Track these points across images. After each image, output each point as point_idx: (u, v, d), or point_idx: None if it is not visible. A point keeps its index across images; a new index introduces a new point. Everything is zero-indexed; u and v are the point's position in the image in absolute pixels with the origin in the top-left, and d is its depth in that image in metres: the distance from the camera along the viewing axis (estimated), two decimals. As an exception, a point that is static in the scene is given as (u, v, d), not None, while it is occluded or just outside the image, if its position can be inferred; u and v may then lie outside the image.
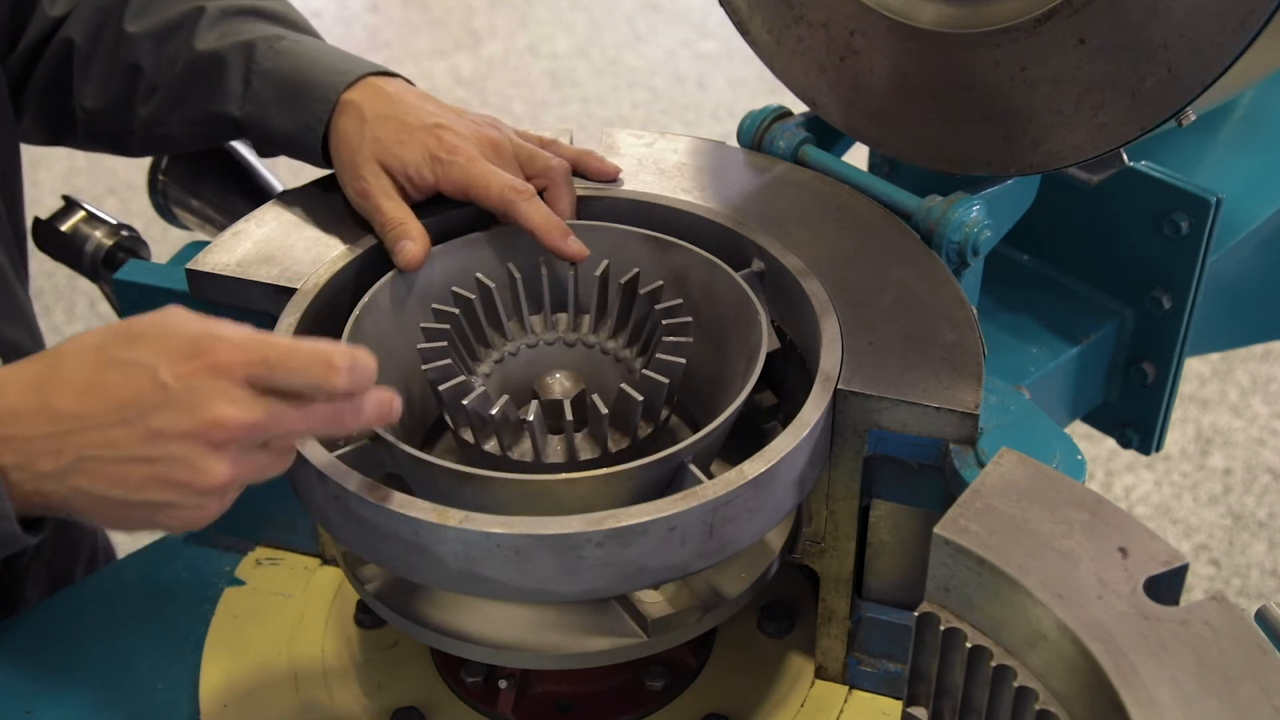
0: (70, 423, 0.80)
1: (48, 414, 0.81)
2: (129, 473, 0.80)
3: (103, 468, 0.80)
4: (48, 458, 0.80)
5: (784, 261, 1.07)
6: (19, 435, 0.80)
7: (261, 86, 1.14)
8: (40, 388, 0.81)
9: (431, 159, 1.08)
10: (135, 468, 0.80)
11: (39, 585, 1.39)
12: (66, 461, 0.80)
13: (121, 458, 0.80)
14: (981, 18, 1.08)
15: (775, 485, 0.92)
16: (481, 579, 0.88)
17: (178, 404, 0.79)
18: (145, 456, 0.80)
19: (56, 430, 0.81)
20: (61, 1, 1.22)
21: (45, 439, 0.81)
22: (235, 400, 0.79)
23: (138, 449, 0.80)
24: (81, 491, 0.81)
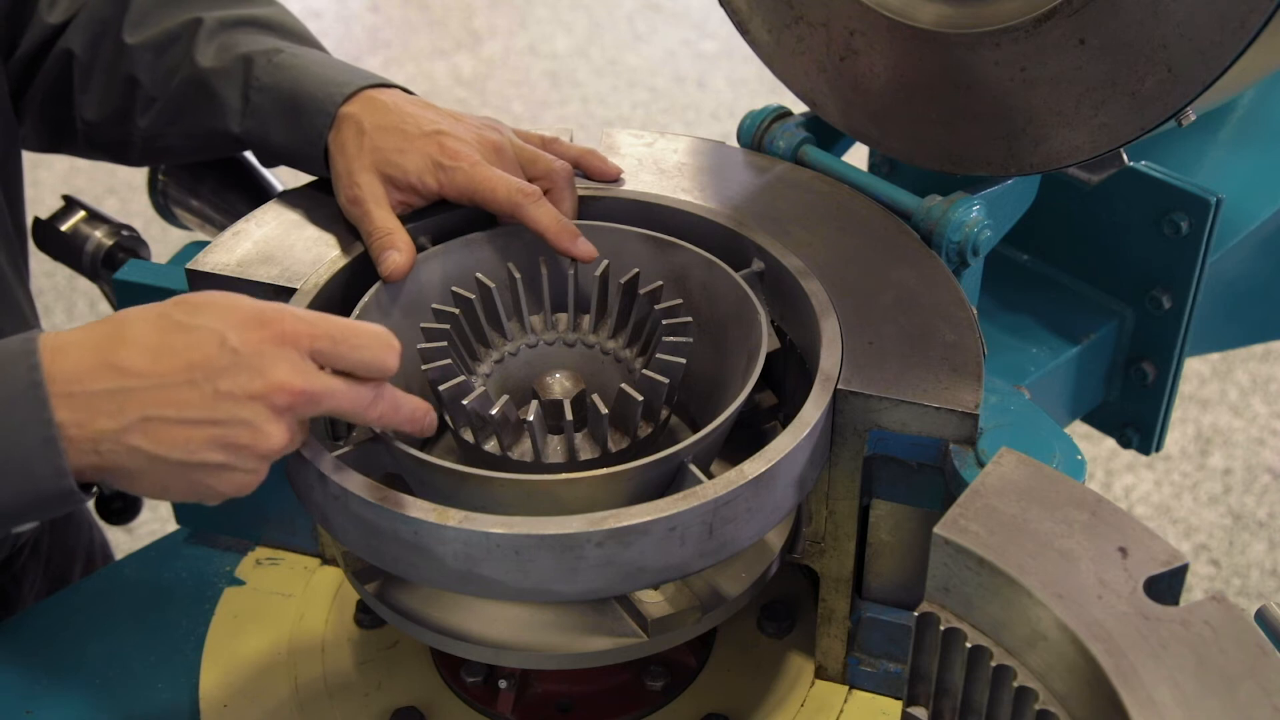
0: (136, 380, 0.81)
1: (113, 371, 0.81)
2: (190, 434, 0.82)
3: (165, 429, 0.81)
4: (109, 415, 0.81)
5: (784, 261, 1.07)
6: (81, 392, 0.80)
7: (260, 102, 1.14)
8: (103, 348, 0.82)
9: (434, 166, 1.08)
10: (197, 430, 0.82)
11: (36, 586, 1.39)
12: (129, 420, 0.81)
13: (185, 419, 0.81)
14: (981, 18, 1.08)
15: (775, 485, 0.92)
16: (481, 579, 0.88)
17: (245, 367, 0.82)
18: (209, 419, 0.82)
19: (121, 387, 0.81)
20: (60, 8, 1.22)
21: (108, 396, 0.81)
22: (299, 368, 0.83)
23: (203, 411, 0.81)
24: (139, 451, 0.81)
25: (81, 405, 0.80)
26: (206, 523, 1.26)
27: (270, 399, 0.82)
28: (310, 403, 0.84)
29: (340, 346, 0.85)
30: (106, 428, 0.81)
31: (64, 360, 0.81)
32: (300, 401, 0.83)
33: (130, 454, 0.81)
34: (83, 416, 0.80)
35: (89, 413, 0.80)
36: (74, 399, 0.80)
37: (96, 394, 0.81)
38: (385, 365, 0.86)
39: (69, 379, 0.80)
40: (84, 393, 0.80)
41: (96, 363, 0.81)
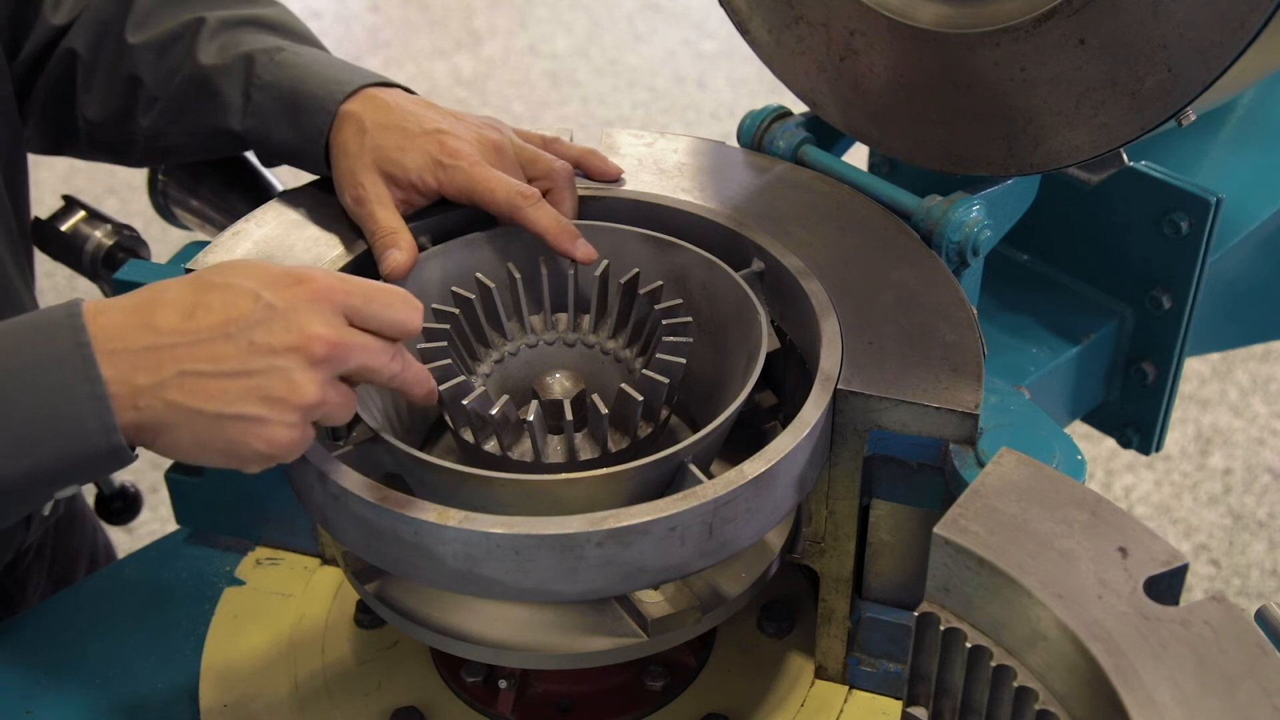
0: (173, 337, 0.82)
1: (150, 330, 0.82)
2: (227, 387, 0.83)
3: (202, 383, 0.82)
4: (147, 371, 0.82)
5: (784, 261, 1.07)
6: (121, 349, 0.82)
7: (261, 100, 1.14)
8: (141, 309, 0.83)
9: (434, 164, 1.08)
10: (234, 381, 0.83)
11: (40, 587, 1.39)
12: (166, 375, 0.82)
13: (222, 372, 0.83)
14: (981, 18, 1.08)
15: (775, 485, 0.92)
16: (481, 579, 0.88)
17: (280, 320, 0.84)
18: (245, 370, 0.83)
19: (159, 344, 0.82)
20: (64, 10, 1.22)
21: (147, 352, 0.82)
22: (331, 323, 0.85)
23: (239, 363, 0.83)
24: (177, 407, 0.82)
25: (122, 363, 0.81)
26: (206, 523, 1.26)
27: (306, 350, 0.84)
28: (344, 355, 0.85)
29: (372, 305, 0.87)
30: (145, 383, 0.81)
31: (105, 320, 0.82)
32: (335, 353, 0.84)
33: (168, 409, 0.82)
34: (124, 373, 0.81)
35: (129, 369, 0.81)
36: (115, 356, 0.81)
37: (135, 351, 0.82)
38: (411, 324, 0.89)
39: (110, 337, 0.82)
40: (124, 350, 0.82)
41: (135, 322, 0.83)
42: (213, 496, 1.22)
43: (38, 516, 1.29)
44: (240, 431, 0.84)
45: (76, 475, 0.83)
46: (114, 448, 0.81)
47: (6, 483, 0.80)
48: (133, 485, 1.64)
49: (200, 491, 1.23)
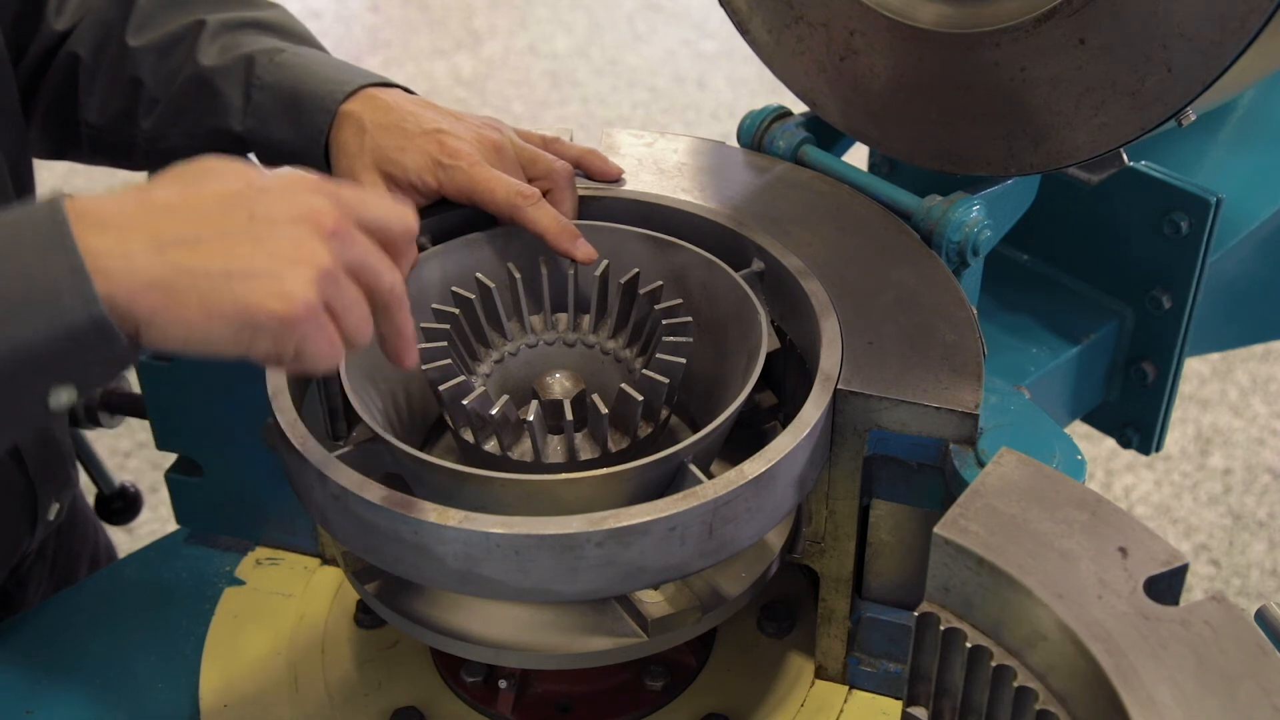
0: (171, 208, 0.79)
1: (146, 204, 0.79)
2: (233, 247, 0.78)
3: (207, 245, 0.78)
4: (145, 237, 0.77)
5: (784, 261, 1.07)
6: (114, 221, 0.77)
7: (262, 100, 1.14)
8: (133, 191, 0.80)
9: (434, 164, 1.08)
10: (241, 243, 0.79)
11: (42, 588, 1.39)
12: (167, 239, 0.77)
13: (227, 233, 0.79)
14: (981, 18, 1.08)
15: (775, 485, 0.92)
16: (481, 579, 0.88)
17: (278, 196, 0.81)
18: (252, 234, 0.79)
19: (155, 214, 0.78)
20: (66, 15, 1.22)
21: (143, 221, 0.78)
22: (331, 202, 0.82)
23: (245, 228, 0.79)
24: (181, 269, 0.77)
25: (114, 231, 0.77)
26: (206, 523, 1.26)
27: (313, 220, 0.80)
28: (348, 236, 0.82)
29: (366, 198, 0.85)
30: (142, 249, 0.77)
31: (93, 202, 0.78)
32: (342, 230, 0.81)
33: (172, 272, 0.77)
34: (117, 243, 0.77)
35: (122, 239, 0.77)
36: (106, 228, 0.77)
37: (130, 220, 0.78)
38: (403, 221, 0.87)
39: (101, 211, 0.78)
40: (117, 222, 0.78)
41: (128, 200, 0.79)
42: (213, 496, 1.23)
43: (42, 522, 1.29)
44: (251, 290, 0.78)
45: (67, 362, 0.77)
46: (95, 321, 0.75)
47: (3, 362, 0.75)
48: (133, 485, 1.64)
49: (200, 491, 1.23)
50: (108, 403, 1.45)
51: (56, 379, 0.77)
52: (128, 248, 0.77)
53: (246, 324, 0.78)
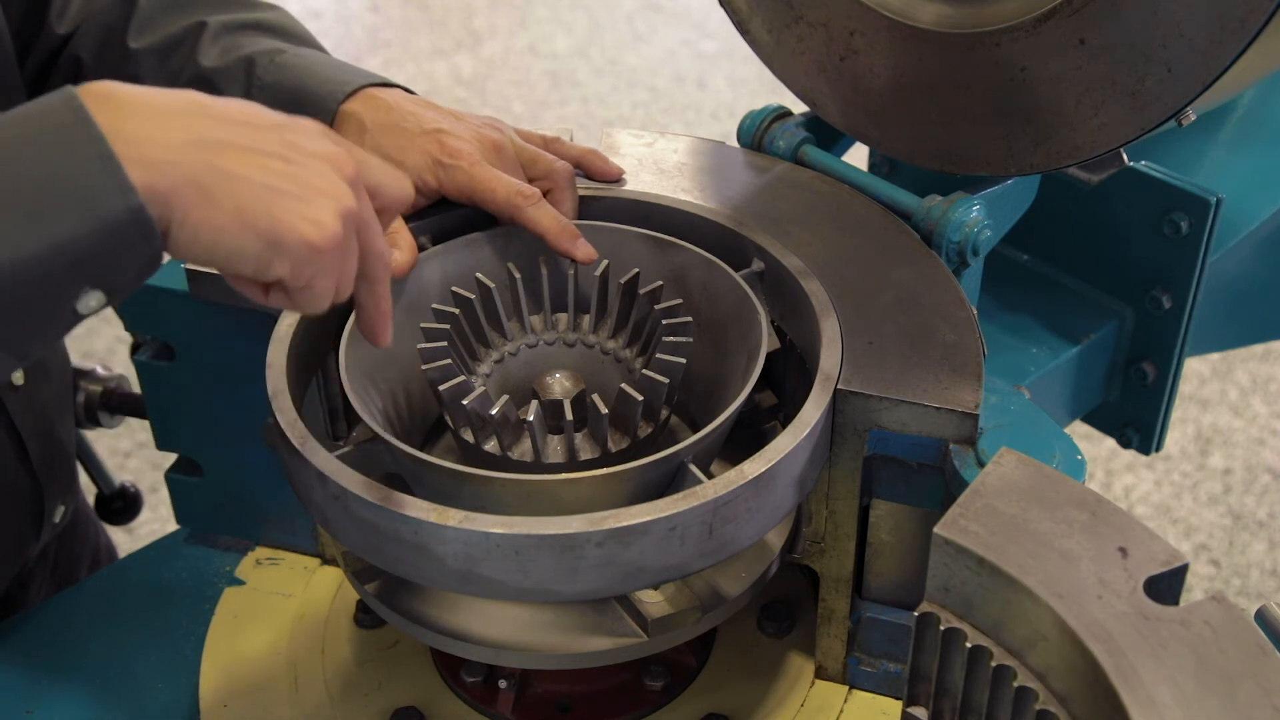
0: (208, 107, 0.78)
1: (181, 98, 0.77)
2: (268, 161, 0.78)
3: (240, 152, 0.77)
4: (180, 128, 0.76)
5: (784, 261, 1.07)
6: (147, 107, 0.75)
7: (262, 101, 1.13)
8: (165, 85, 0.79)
9: (434, 164, 1.08)
10: (274, 160, 0.78)
11: (43, 589, 1.39)
12: (201, 135, 0.76)
13: (262, 148, 0.78)
14: (981, 18, 1.08)
15: (775, 485, 0.92)
16: (481, 579, 0.88)
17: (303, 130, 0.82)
18: (284, 156, 0.79)
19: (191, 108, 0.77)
20: (68, 19, 1.22)
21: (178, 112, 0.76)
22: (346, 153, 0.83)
23: (278, 147, 0.79)
24: (219, 170, 0.76)
25: (147, 118, 0.75)
26: (206, 523, 1.26)
27: (335, 161, 0.81)
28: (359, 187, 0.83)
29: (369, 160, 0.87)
30: (177, 138, 0.76)
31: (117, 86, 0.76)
32: (356, 179, 0.82)
33: (209, 171, 0.75)
34: (150, 128, 0.75)
35: (157, 124, 0.75)
36: (138, 114, 0.75)
37: (164, 109, 0.76)
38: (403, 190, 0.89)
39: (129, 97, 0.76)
40: (149, 107, 0.76)
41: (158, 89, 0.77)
42: (213, 496, 1.23)
43: (47, 525, 1.29)
44: (286, 209, 0.77)
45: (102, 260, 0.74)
46: (133, 213, 0.73)
47: (34, 263, 0.72)
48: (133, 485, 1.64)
49: (200, 491, 1.23)
50: (108, 403, 1.45)
51: (90, 280, 0.74)
52: (165, 137, 0.75)
53: (274, 242, 0.78)
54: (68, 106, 0.74)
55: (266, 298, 0.84)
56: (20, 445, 1.21)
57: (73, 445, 1.36)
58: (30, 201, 0.72)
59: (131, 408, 1.45)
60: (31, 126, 0.74)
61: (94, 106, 0.74)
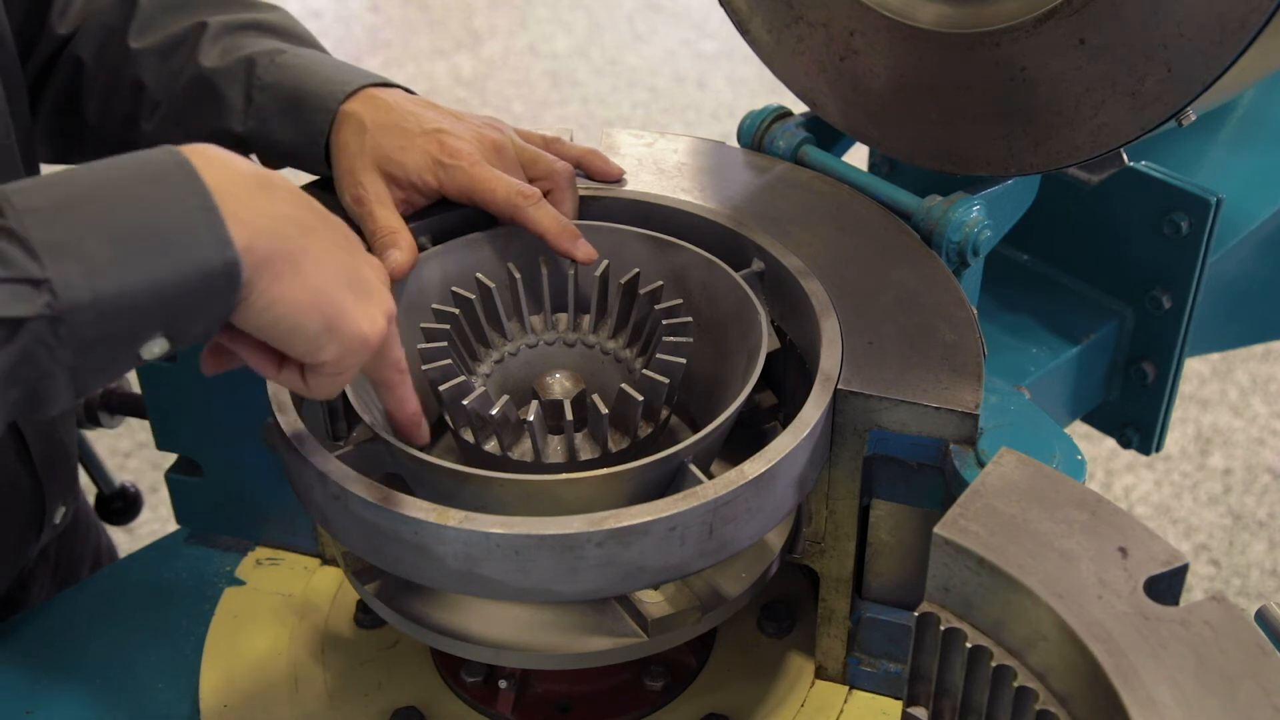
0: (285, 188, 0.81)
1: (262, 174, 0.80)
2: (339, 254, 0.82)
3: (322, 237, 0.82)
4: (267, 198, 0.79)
5: (784, 261, 1.07)
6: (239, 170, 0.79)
7: (263, 101, 1.14)
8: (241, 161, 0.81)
9: (434, 164, 1.08)
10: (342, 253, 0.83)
11: (44, 590, 1.39)
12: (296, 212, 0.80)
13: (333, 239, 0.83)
14: (981, 18, 1.08)
15: (775, 485, 0.92)
16: (482, 579, 0.88)
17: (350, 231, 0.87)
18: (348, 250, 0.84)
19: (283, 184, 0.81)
20: (69, 20, 1.22)
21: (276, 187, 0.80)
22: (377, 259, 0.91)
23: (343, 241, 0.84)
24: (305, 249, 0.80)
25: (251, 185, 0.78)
26: (206, 523, 1.26)
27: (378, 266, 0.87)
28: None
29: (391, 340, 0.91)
30: (278, 210, 0.79)
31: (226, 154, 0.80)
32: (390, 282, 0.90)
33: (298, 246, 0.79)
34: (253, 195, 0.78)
35: (260, 193, 0.78)
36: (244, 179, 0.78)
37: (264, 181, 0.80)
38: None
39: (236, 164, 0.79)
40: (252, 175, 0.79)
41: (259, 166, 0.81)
42: (213, 496, 1.23)
43: (48, 525, 1.29)
44: (350, 301, 0.82)
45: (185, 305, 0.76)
46: (228, 265, 0.75)
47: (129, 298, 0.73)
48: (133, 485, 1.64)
49: (200, 491, 1.23)
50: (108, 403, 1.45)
51: (165, 324, 0.76)
52: (267, 207, 0.78)
53: (334, 329, 0.82)
54: (173, 160, 0.77)
55: (279, 373, 0.86)
56: (23, 445, 1.21)
57: (74, 445, 1.36)
58: (127, 240, 0.73)
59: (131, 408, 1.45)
60: (138, 172, 0.76)
61: (199, 164, 0.77)
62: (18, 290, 0.69)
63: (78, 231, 0.72)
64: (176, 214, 0.75)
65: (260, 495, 1.20)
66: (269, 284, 0.78)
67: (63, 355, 0.71)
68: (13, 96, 1.15)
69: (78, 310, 0.71)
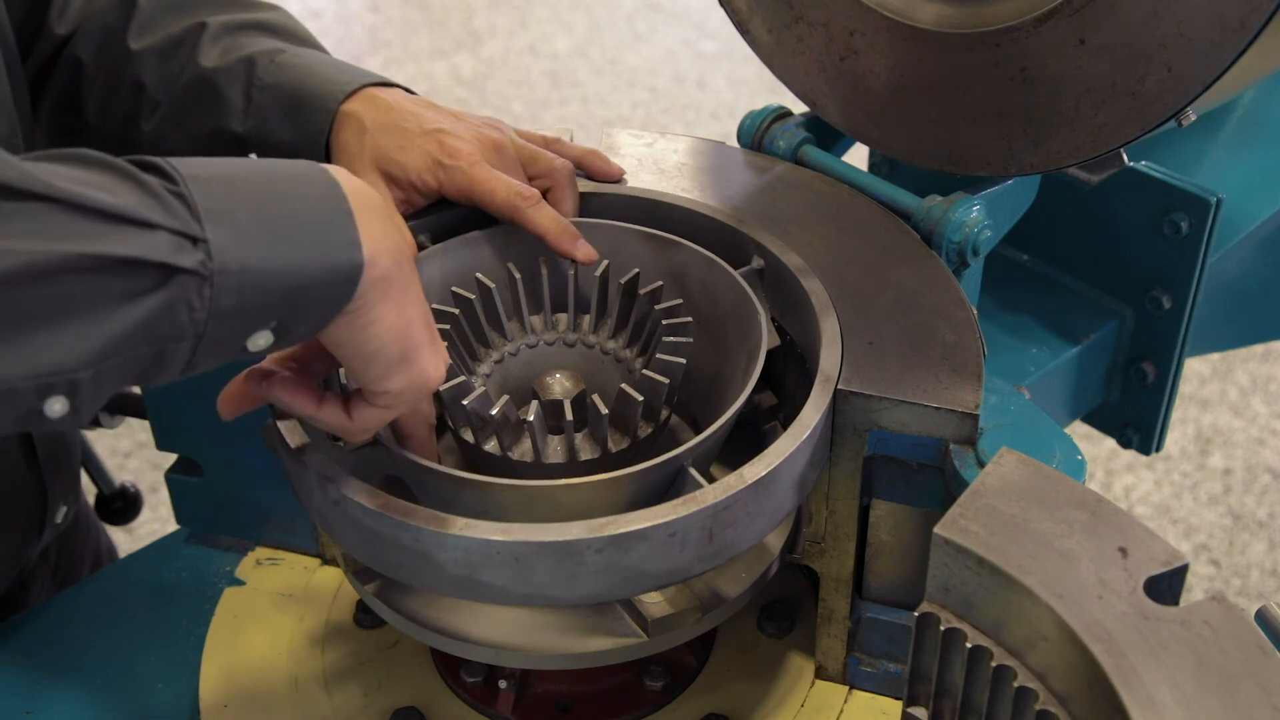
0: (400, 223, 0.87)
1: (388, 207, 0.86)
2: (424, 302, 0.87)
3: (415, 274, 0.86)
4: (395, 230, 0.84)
5: (783, 259, 1.07)
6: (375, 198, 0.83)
7: (263, 101, 1.14)
8: None
9: (434, 164, 1.08)
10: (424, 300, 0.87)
11: (44, 591, 1.39)
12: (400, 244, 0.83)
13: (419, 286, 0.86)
14: (981, 18, 1.08)
15: (775, 488, 0.92)
16: (482, 585, 0.88)
17: None
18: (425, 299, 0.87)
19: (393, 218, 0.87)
20: (68, 20, 1.22)
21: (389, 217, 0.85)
22: None
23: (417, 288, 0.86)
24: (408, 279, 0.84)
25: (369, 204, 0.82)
26: (206, 523, 1.26)
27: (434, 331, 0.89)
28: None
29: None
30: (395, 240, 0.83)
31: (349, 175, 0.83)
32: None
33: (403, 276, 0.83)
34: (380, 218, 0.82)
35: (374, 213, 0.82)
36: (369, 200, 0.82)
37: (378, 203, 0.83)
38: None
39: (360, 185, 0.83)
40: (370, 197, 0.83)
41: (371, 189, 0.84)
42: (213, 496, 1.23)
43: (50, 525, 1.29)
44: (429, 343, 0.86)
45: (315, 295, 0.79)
46: (353, 266, 0.79)
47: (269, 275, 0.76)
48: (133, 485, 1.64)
49: (200, 491, 1.23)
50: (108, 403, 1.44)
51: (284, 314, 0.78)
52: (387, 232, 0.82)
53: (409, 362, 0.85)
54: (316, 168, 0.81)
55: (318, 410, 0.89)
56: (29, 445, 1.21)
57: (77, 445, 1.36)
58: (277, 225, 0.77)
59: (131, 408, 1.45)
60: (286, 169, 0.80)
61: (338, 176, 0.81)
62: (180, 243, 0.72)
63: (234, 204, 0.75)
64: (319, 210, 0.79)
65: (260, 495, 1.20)
66: (375, 301, 0.82)
67: (199, 318, 0.74)
68: (17, 96, 1.15)
69: (226, 274, 0.73)
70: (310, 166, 0.81)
